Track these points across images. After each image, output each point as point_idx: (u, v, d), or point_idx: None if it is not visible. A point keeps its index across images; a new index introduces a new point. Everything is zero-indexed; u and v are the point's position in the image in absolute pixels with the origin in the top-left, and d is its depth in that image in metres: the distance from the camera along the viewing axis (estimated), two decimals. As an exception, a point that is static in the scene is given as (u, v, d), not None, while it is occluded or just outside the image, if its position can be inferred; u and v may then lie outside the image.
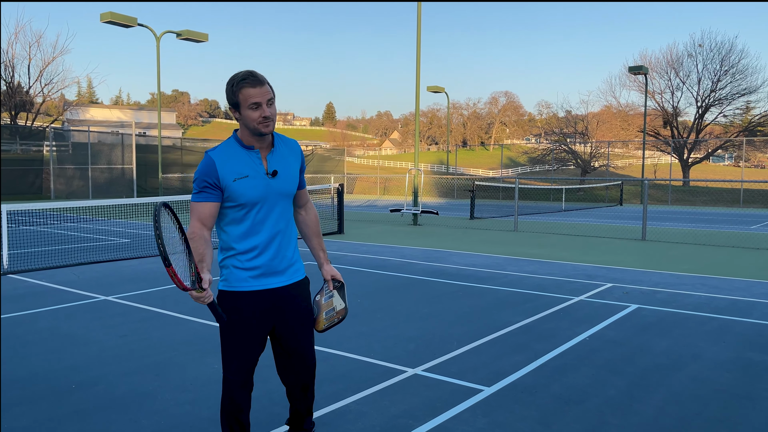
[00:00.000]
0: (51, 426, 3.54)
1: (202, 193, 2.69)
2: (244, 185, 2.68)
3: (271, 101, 2.66)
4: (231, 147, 2.74)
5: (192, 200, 2.71)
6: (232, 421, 2.89)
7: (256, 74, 2.63)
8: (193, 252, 2.59)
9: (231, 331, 2.80)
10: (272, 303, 2.82)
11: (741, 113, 48.86)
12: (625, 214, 24.25)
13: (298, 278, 2.92)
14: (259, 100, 2.62)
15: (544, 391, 4.15)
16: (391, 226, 17.01)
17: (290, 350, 2.94)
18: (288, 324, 2.89)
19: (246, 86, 2.61)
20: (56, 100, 51.19)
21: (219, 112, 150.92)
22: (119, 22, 22.67)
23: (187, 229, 2.66)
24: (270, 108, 2.65)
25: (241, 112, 2.66)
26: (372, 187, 44.75)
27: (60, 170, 33.95)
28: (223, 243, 2.82)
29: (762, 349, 5.16)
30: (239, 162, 2.71)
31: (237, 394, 2.85)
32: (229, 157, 2.71)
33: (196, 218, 2.69)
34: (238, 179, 2.68)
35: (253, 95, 2.61)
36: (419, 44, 17.59)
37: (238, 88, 2.63)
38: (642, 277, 8.72)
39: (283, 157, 2.83)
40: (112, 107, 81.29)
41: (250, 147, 2.74)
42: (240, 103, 2.64)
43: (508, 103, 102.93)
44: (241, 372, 2.83)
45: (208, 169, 2.68)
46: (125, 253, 10.81)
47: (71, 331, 5.59)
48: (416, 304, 6.81)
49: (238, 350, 2.81)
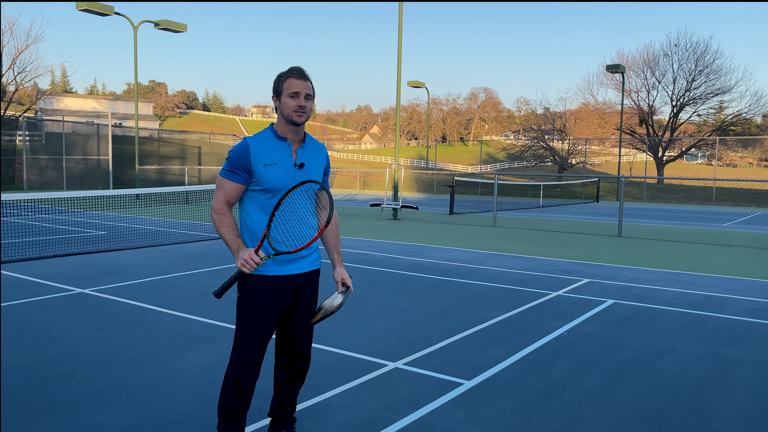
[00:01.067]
0: (27, 419, 3.49)
1: (234, 173, 2.87)
2: (272, 171, 2.85)
3: (309, 96, 2.88)
4: (267, 137, 2.93)
5: (223, 177, 2.90)
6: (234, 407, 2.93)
7: (302, 70, 2.90)
8: (225, 226, 2.85)
9: (251, 314, 2.90)
10: (290, 289, 2.96)
11: (714, 113, 49.80)
12: (602, 211, 24.58)
13: (315, 267, 3.08)
14: (299, 90, 2.85)
15: (523, 384, 4.20)
16: (371, 221, 17.01)
17: (297, 335, 3.07)
18: (298, 309, 3.03)
19: (292, 77, 2.86)
20: (29, 89, 50.08)
21: (197, 104, 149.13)
22: (95, 11, 22.25)
23: (214, 203, 2.90)
24: (307, 101, 2.86)
25: (281, 99, 2.88)
26: (352, 182, 44.69)
27: (33, 160, 33.29)
28: (247, 226, 2.95)
29: (734, 344, 5.29)
30: (271, 150, 2.89)
31: (243, 377, 2.91)
32: (263, 145, 2.89)
33: (222, 194, 2.89)
34: (268, 165, 2.85)
35: (294, 85, 2.85)
36: (401, 43, 17.57)
37: (284, 77, 2.88)
38: (618, 273, 8.86)
39: (311, 155, 3.00)
40: (87, 97, 79.84)
41: (283, 138, 2.92)
42: (282, 91, 2.87)
43: (488, 99, 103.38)
44: (254, 354, 2.92)
45: (242, 153, 2.85)
46: (101, 246, 10.65)
47: (47, 324, 5.51)
48: (396, 299, 6.84)
49: (256, 332, 2.91)
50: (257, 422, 3.47)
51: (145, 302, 6.40)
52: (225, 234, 2.84)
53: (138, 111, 25.80)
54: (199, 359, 4.59)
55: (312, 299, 3.08)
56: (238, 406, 2.94)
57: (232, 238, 2.82)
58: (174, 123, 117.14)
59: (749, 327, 5.89)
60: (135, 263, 8.87)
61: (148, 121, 69.68)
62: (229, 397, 2.94)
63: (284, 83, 2.86)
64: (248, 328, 2.91)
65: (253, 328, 2.90)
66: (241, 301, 2.93)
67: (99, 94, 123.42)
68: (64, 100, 70.80)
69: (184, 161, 37.21)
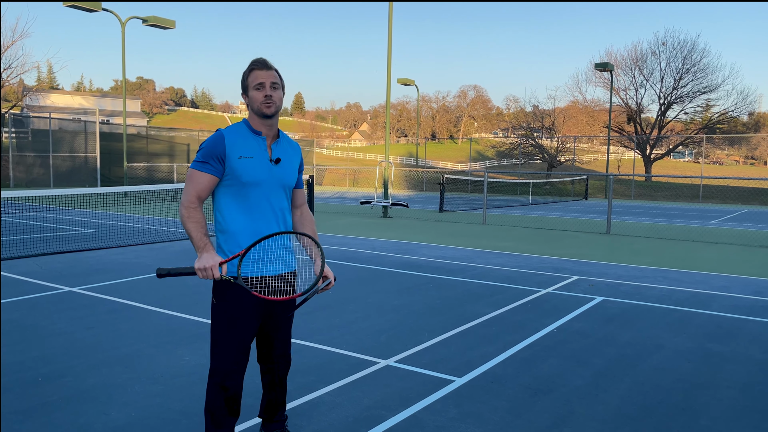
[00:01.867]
0: (18, 418, 3.47)
1: (206, 164, 2.77)
2: (247, 164, 2.79)
3: (275, 85, 2.82)
4: (241, 129, 2.87)
5: (193, 168, 2.79)
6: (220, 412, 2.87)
7: (265, 60, 2.84)
8: (194, 222, 2.73)
9: (228, 320, 2.81)
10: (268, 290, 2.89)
11: (701, 111, 50.21)
12: (590, 209, 24.74)
13: (292, 268, 2.99)
14: (263, 80, 2.79)
15: (513, 381, 4.24)
16: (362, 218, 17.02)
17: (274, 339, 3.03)
18: (276, 313, 2.97)
19: (255, 69, 2.81)
20: (15, 85, 49.51)
21: (185, 101, 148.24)
22: (83, 7, 22.04)
23: (184, 198, 2.77)
24: (274, 91, 2.80)
25: (248, 94, 2.83)
26: (341, 179, 44.62)
27: (19, 158, 32.94)
28: (220, 226, 2.86)
29: (721, 340, 5.35)
30: (247, 143, 2.83)
31: (229, 384, 2.85)
32: (239, 136, 2.83)
33: (193, 189, 2.77)
34: (244, 158, 2.79)
35: (259, 76, 2.80)
36: (390, 41, 17.56)
37: (248, 71, 2.83)
38: (607, 270, 8.93)
39: (285, 151, 2.97)
40: (74, 93, 79.04)
41: (258, 133, 2.87)
42: (248, 85, 2.82)
43: (477, 97, 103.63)
44: (237, 361, 2.85)
45: (217, 142, 2.78)
46: (90, 244, 10.58)
47: (36, 323, 5.47)
48: (387, 296, 6.85)
49: (235, 338, 2.82)
50: (248, 421, 3.47)
51: (134, 301, 6.37)
52: (192, 230, 2.71)
53: (126, 108, 25.60)
54: (190, 358, 4.58)
55: (288, 303, 2.98)
56: (225, 410, 2.87)
57: (199, 236, 2.69)
58: (162, 120, 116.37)
59: (736, 323, 5.96)
60: (124, 261, 8.82)
61: (136, 118, 69.11)
62: (216, 402, 2.86)
63: (249, 77, 2.82)
64: (226, 334, 2.81)
65: (230, 335, 2.81)
66: (217, 307, 2.83)
67: (86, 90, 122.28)
68: (51, 96, 70.02)
69: (172, 158, 36.96)
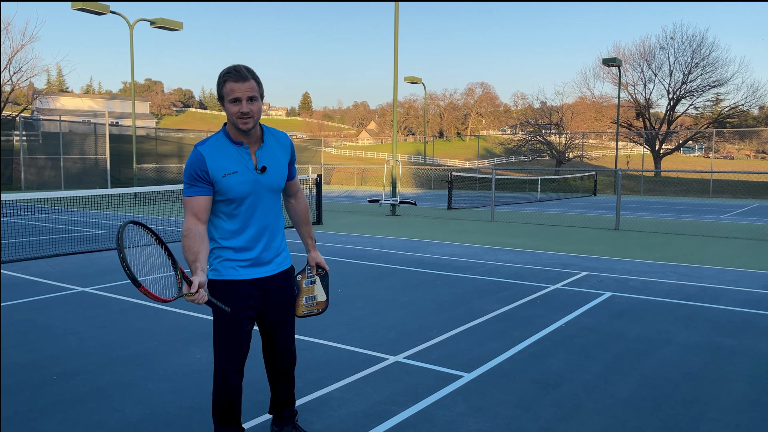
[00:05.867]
0: (33, 416, 3.54)
1: (194, 187, 2.69)
2: (233, 181, 2.70)
3: (253, 98, 2.63)
4: (220, 141, 2.74)
5: (184, 195, 2.71)
6: (226, 410, 2.94)
7: (240, 69, 2.62)
8: (187, 250, 2.63)
9: (222, 320, 2.86)
10: (260, 291, 2.89)
11: (711, 105, 49.88)
12: (599, 204, 24.65)
13: (284, 267, 2.99)
14: (239, 96, 2.60)
15: (521, 376, 4.26)
16: (370, 217, 17.05)
17: (275, 337, 3.04)
18: (274, 311, 2.98)
19: (229, 80, 2.61)
20: (25, 88, 49.92)
21: (193, 102, 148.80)
22: (91, 10, 22.20)
23: (183, 225, 2.69)
24: (251, 104, 2.63)
25: (224, 105, 2.68)
26: (349, 178, 44.69)
27: (30, 160, 33.25)
28: (211, 235, 2.85)
29: (730, 334, 5.35)
30: (228, 158, 2.71)
31: (231, 382, 2.90)
32: (218, 151, 2.71)
33: (190, 213, 2.69)
34: (228, 175, 2.69)
35: (234, 90, 2.60)
36: (397, 40, 17.57)
37: (222, 81, 2.64)
38: (615, 266, 8.92)
39: (272, 152, 2.84)
40: (83, 96, 79.59)
41: (239, 143, 2.74)
42: (223, 96, 2.65)
43: (484, 94, 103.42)
44: (234, 360, 2.89)
45: (198, 164, 2.68)
46: (101, 245, 10.68)
47: (49, 323, 5.55)
48: (396, 293, 6.88)
49: (230, 338, 2.86)
50: (259, 417, 3.52)
51: (145, 300, 6.44)
52: (187, 260, 2.65)
53: (135, 109, 25.78)
54: (201, 355, 4.63)
55: (286, 300, 2.99)
56: (229, 408, 2.93)
57: (192, 267, 2.63)
58: (171, 121, 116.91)
59: (745, 317, 5.95)
60: (135, 261, 8.89)
61: (145, 120, 69.55)
62: (221, 399, 2.92)
63: (224, 88, 2.62)
64: (222, 334, 2.86)
65: (226, 334, 2.85)
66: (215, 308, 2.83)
67: (95, 93, 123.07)
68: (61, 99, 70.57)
69: (181, 159, 37.16)
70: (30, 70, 43.01)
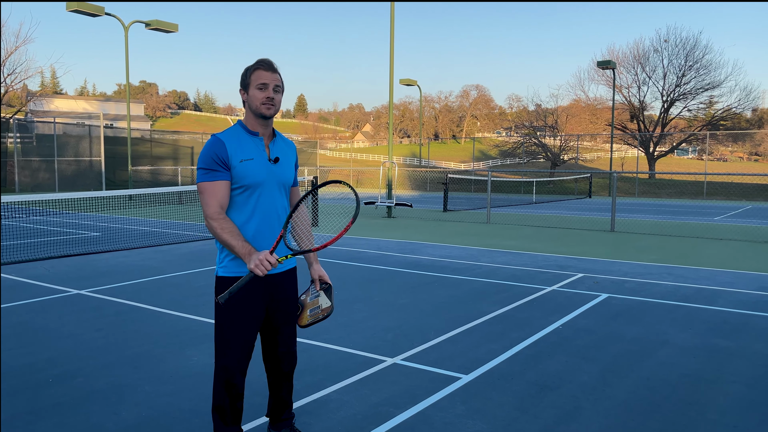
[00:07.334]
0: (30, 419, 3.52)
1: (215, 172, 2.76)
2: (249, 167, 2.80)
3: (278, 88, 2.83)
4: (237, 132, 2.87)
5: (205, 181, 2.75)
6: (229, 410, 2.92)
7: (271, 62, 2.85)
8: (223, 231, 2.69)
9: (230, 318, 2.85)
10: (267, 290, 2.91)
11: (704, 108, 50.10)
12: (594, 206, 24.72)
13: (290, 266, 3.03)
14: (267, 82, 2.80)
15: (520, 377, 4.26)
16: (366, 219, 17.05)
17: (278, 337, 3.04)
18: (278, 310, 2.99)
19: (260, 68, 2.81)
20: (19, 90, 49.72)
21: (188, 104, 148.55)
22: (86, 11, 22.14)
23: (208, 210, 2.74)
24: (276, 93, 2.82)
25: (248, 92, 2.82)
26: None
27: (25, 162, 33.08)
28: None
29: (726, 335, 5.37)
30: (245, 146, 2.84)
31: (236, 382, 2.89)
32: (236, 140, 2.83)
33: (214, 200, 2.74)
34: (245, 161, 2.80)
35: (263, 77, 2.80)
36: (392, 42, 17.59)
37: (252, 69, 2.82)
38: (611, 267, 8.94)
39: (282, 150, 2.99)
40: (78, 98, 79.30)
41: (254, 133, 2.87)
42: (250, 83, 2.81)
43: (479, 97, 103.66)
44: (240, 359, 2.88)
45: (218, 148, 2.76)
46: (96, 247, 10.64)
47: (45, 325, 5.52)
48: (393, 295, 6.88)
49: (239, 336, 2.86)
50: (256, 420, 3.51)
51: (142, 302, 6.42)
52: (229, 240, 2.67)
53: (130, 112, 25.70)
54: (199, 358, 4.62)
55: (291, 299, 3.02)
56: (232, 408, 2.92)
57: (240, 243, 2.67)
58: (166, 123, 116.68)
59: (741, 318, 5.98)
60: (131, 264, 8.87)
61: (140, 122, 69.26)
62: (223, 400, 2.91)
63: (252, 75, 2.80)
64: (229, 333, 2.85)
65: (234, 333, 2.85)
66: (220, 306, 2.84)
67: (90, 95, 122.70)
68: (55, 101, 70.25)
69: (176, 161, 37.08)
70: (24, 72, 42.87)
